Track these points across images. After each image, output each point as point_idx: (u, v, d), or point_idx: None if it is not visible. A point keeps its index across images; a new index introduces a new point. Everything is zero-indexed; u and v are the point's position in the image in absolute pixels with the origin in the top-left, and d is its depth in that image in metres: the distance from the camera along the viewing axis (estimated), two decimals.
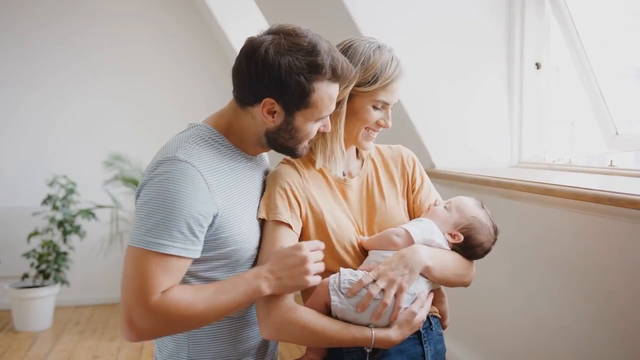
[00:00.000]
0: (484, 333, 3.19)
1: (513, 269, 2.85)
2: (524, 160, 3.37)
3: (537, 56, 3.38)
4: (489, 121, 3.34)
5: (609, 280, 2.26)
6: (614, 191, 2.09)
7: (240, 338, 1.69)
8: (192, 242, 1.50)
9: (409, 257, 1.64)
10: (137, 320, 1.46)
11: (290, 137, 1.62)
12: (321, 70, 1.54)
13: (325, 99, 1.58)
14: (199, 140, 1.61)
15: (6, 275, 5.41)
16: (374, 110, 1.72)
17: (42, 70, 5.67)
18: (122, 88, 5.77)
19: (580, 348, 2.45)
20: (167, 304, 1.46)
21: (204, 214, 1.50)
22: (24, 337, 4.91)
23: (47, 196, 5.15)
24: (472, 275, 1.81)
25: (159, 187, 1.49)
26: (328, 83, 1.57)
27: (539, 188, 2.38)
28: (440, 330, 1.80)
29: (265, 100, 1.56)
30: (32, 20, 5.64)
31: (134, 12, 5.80)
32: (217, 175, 1.57)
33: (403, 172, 1.85)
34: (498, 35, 3.32)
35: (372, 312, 1.60)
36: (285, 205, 1.66)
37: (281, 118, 1.59)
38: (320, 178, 1.75)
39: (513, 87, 3.33)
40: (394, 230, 1.71)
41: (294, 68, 1.53)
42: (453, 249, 1.75)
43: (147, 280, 1.46)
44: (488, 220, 1.78)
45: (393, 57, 1.72)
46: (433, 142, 3.27)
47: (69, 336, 4.92)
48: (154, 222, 1.47)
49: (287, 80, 1.53)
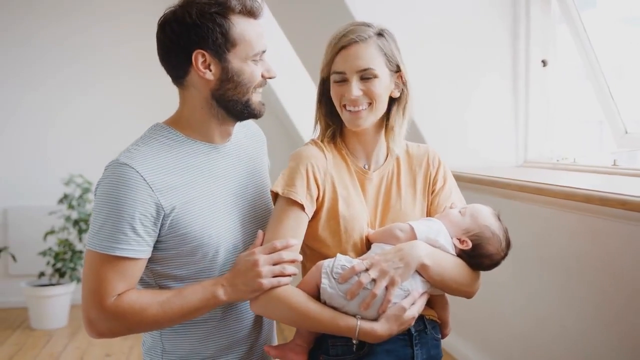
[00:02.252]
0: (486, 331, 3.16)
1: (513, 269, 2.81)
2: (530, 159, 3.32)
3: (544, 53, 3.33)
4: (493, 120, 3.31)
5: (605, 282, 2.23)
6: (605, 191, 2.05)
7: (218, 334, 1.69)
8: (137, 243, 1.53)
9: (406, 251, 1.60)
10: (95, 321, 1.55)
11: (236, 85, 1.61)
12: (230, 4, 1.56)
13: (250, 33, 1.59)
14: (149, 141, 1.63)
15: (23, 273, 5.49)
16: (337, 85, 1.67)
17: (59, 69, 5.72)
18: (135, 86, 5.77)
19: (579, 348, 2.42)
20: (122, 307, 1.53)
21: (145, 213, 1.53)
22: (39, 334, 4.98)
23: (64, 195, 5.21)
24: (476, 287, 1.73)
25: (102, 191, 1.56)
26: (244, 18, 1.59)
27: (532, 187, 2.36)
28: (437, 335, 1.75)
29: (195, 54, 1.57)
30: (46, 18, 5.69)
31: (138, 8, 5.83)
32: (165, 175, 1.58)
33: (426, 173, 1.80)
34: (502, 33, 3.28)
35: (360, 302, 1.57)
36: (304, 185, 1.64)
37: (218, 68, 1.59)
38: (342, 165, 1.72)
39: (518, 85, 3.29)
40: (399, 224, 1.68)
41: (205, 10, 1.55)
42: (459, 256, 1.69)
43: (102, 283, 1.53)
44: (501, 233, 1.71)
45: (351, 25, 1.68)
46: (434, 142, 3.24)
47: (84, 334, 4.95)
48: (99, 225, 1.54)
49: (203, 23, 1.55)
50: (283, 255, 1.57)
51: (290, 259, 1.59)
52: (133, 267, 1.55)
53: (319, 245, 1.69)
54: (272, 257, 1.56)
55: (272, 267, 1.55)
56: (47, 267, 5.26)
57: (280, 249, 1.58)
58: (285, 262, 1.57)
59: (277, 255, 1.57)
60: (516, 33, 3.27)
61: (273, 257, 1.56)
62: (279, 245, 1.58)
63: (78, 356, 4.53)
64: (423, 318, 1.69)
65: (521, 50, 3.27)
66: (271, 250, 1.57)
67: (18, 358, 4.49)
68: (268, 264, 1.55)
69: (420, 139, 3.21)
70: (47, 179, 5.58)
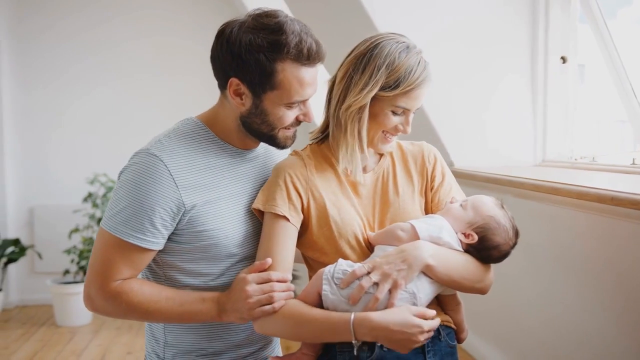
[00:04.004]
0: (501, 329, 3.13)
1: (529, 268, 2.78)
2: (549, 158, 3.27)
3: (563, 50, 3.28)
4: (510, 118, 3.27)
5: (621, 283, 2.19)
6: (617, 190, 2.01)
7: (225, 334, 1.69)
8: (153, 234, 1.55)
9: (409, 252, 1.54)
10: (93, 298, 1.58)
11: (262, 121, 1.60)
12: (283, 50, 1.51)
13: (294, 82, 1.54)
14: (180, 136, 1.62)
15: (48, 271, 5.58)
16: (393, 115, 1.62)
17: (83, 70, 5.78)
18: (160, 85, 5.81)
19: (592, 347, 2.39)
20: (121, 294, 1.56)
21: (166, 208, 1.54)
22: (63, 331, 5.05)
23: (88, 194, 5.27)
24: (489, 282, 1.66)
25: (128, 177, 1.56)
26: (295, 65, 1.53)
27: (545, 187, 2.32)
28: (452, 342, 1.67)
29: (231, 80, 1.55)
30: (76, 17, 5.76)
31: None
32: (191, 173, 1.58)
33: (422, 169, 1.75)
34: (520, 31, 3.24)
35: (363, 306, 1.51)
36: (284, 197, 1.61)
37: (250, 100, 1.57)
38: (329, 171, 1.68)
39: (537, 82, 3.24)
40: (400, 224, 1.62)
41: (254, 46, 1.50)
42: (467, 251, 1.63)
43: (109, 265, 1.55)
44: (507, 222, 1.64)
45: (420, 60, 1.60)
46: (451, 140, 3.22)
47: (107, 332, 5.03)
48: (119, 209, 1.55)
49: (247, 59, 1.51)
50: (275, 287, 1.54)
51: (282, 290, 1.55)
52: (142, 256, 1.57)
53: (318, 254, 1.65)
54: (263, 287, 1.53)
55: (260, 297, 1.52)
56: (71, 265, 5.33)
57: (275, 280, 1.55)
58: (276, 291, 1.54)
59: (268, 286, 1.53)
60: (535, 30, 3.22)
61: (264, 288, 1.53)
62: (273, 277, 1.54)
63: (100, 353, 4.58)
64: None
65: (540, 48, 3.22)
66: (265, 280, 1.54)
67: (42, 354, 4.56)
68: (258, 294, 1.53)
69: (436, 137, 3.19)
70: (72, 178, 5.65)
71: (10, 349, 4.66)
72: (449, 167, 3.01)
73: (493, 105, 3.23)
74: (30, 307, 5.65)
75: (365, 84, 1.58)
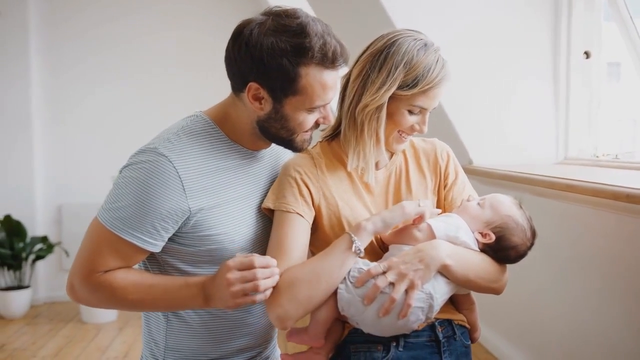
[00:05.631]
0: (523, 329, 3.08)
1: (545, 266, 2.73)
2: (571, 156, 3.20)
3: (587, 45, 3.20)
4: (532, 115, 3.21)
5: (635, 280, 2.14)
6: (632, 187, 1.94)
7: (229, 338, 1.65)
8: (151, 236, 1.48)
9: (426, 252, 1.49)
10: (76, 288, 1.52)
11: (282, 127, 1.53)
12: (307, 54, 1.43)
13: (317, 87, 1.47)
14: (190, 135, 1.54)
15: None
16: (409, 114, 1.58)
17: (109, 68, 5.82)
18: (188, 80, 5.81)
19: (611, 347, 2.32)
20: (104, 284, 1.49)
21: (170, 211, 1.47)
22: (89, 328, 5.10)
23: None
24: (504, 282, 1.63)
25: (133, 175, 1.47)
26: (319, 69, 1.46)
27: (561, 184, 2.26)
28: (466, 342, 1.65)
29: (250, 85, 1.47)
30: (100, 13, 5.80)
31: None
32: (200, 175, 1.51)
33: (435, 167, 1.71)
34: (542, 26, 3.18)
35: (379, 307, 1.47)
36: (295, 193, 1.57)
37: (269, 105, 1.50)
38: (340, 169, 1.64)
39: (559, 78, 3.17)
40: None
41: (277, 50, 1.43)
42: (483, 250, 1.59)
43: (97, 257, 1.49)
44: (525, 222, 1.61)
45: (438, 58, 1.55)
46: (470, 137, 3.17)
47: (132, 329, 5.07)
48: (119, 205, 1.47)
49: (269, 63, 1.43)
50: (257, 274, 1.42)
51: (266, 276, 1.44)
52: (136, 255, 1.50)
53: None
54: (245, 275, 1.42)
55: (245, 285, 1.42)
56: None
57: (257, 265, 1.43)
58: (259, 278, 1.42)
59: (250, 274, 1.42)
60: (557, 25, 3.16)
61: (246, 276, 1.42)
62: (256, 263, 1.44)
63: (124, 350, 4.62)
64: (452, 323, 1.60)
65: (562, 42, 3.15)
66: (247, 266, 1.43)
67: (67, 350, 4.61)
68: (240, 282, 1.42)
69: (455, 134, 3.14)
70: (99, 176, 5.70)
71: (37, 344, 4.73)
72: (468, 165, 2.98)
73: (514, 102, 3.18)
74: (57, 303, 5.73)
75: (383, 83, 1.54)
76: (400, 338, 1.54)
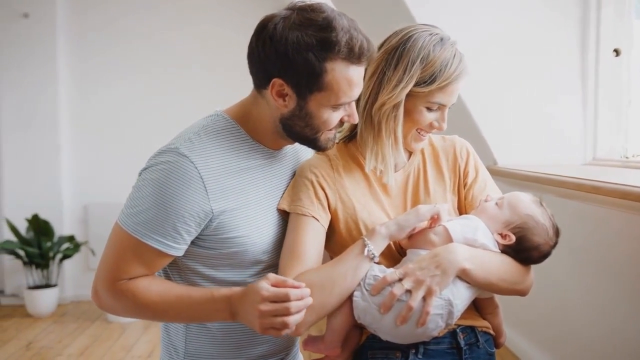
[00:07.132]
0: (547, 329, 3.03)
1: (572, 269, 2.68)
2: (599, 156, 3.13)
3: (616, 42, 3.13)
4: (559, 116, 3.14)
5: None
6: None
7: (250, 345, 1.61)
8: (174, 240, 1.45)
9: (443, 257, 1.44)
10: (100, 294, 1.50)
11: (306, 124, 1.48)
12: (334, 48, 1.39)
13: (343, 82, 1.42)
14: (212, 134, 1.51)
15: None
16: (427, 112, 1.54)
17: (135, 68, 5.83)
18: (210, 81, 5.79)
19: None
20: (127, 292, 1.47)
21: (193, 214, 1.44)
22: (115, 327, 5.12)
23: None
24: (529, 283, 1.57)
25: (153, 177, 1.45)
26: (345, 64, 1.41)
27: (587, 186, 2.21)
28: (491, 350, 1.59)
29: (274, 81, 1.44)
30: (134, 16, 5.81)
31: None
32: (223, 176, 1.48)
33: (454, 165, 1.65)
34: (571, 22, 3.12)
35: (396, 316, 1.43)
36: (311, 196, 1.54)
37: (293, 102, 1.46)
38: (357, 171, 1.60)
39: (588, 76, 3.09)
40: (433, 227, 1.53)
41: (303, 45, 1.39)
42: (504, 252, 1.53)
43: (121, 264, 1.46)
44: (547, 220, 1.54)
45: (456, 53, 1.51)
46: (495, 137, 3.11)
47: (156, 328, 5.06)
48: (141, 209, 1.44)
49: (294, 58, 1.39)
50: (291, 309, 1.36)
51: (299, 309, 1.37)
52: (159, 260, 1.47)
53: None
54: (278, 309, 1.36)
55: (273, 320, 1.37)
56: None
57: (293, 299, 1.36)
58: (292, 314, 1.37)
59: (283, 308, 1.35)
60: (586, 22, 3.09)
61: (278, 310, 1.36)
62: (292, 296, 1.36)
63: (149, 349, 4.63)
64: (475, 330, 1.55)
65: (591, 40, 3.08)
66: (281, 299, 1.36)
67: (93, 349, 4.64)
68: (271, 315, 1.36)
69: (478, 133, 3.09)
70: (125, 176, 5.66)
71: (63, 342, 4.77)
72: (492, 166, 2.93)
73: (540, 100, 3.12)
74: (84, 302, 5.76)
75: (399, 80, 1.50)
76: (420, 345, 1.49)
